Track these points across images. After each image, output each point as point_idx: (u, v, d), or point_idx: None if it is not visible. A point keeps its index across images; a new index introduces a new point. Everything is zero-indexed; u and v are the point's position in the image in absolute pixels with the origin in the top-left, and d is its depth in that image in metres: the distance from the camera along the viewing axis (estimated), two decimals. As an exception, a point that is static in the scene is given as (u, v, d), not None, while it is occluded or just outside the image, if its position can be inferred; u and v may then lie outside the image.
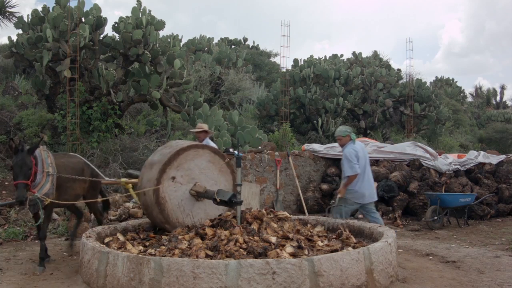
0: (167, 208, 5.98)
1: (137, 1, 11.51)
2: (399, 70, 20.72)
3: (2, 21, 13.25)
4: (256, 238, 5.25)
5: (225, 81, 17.29)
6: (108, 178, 7.34)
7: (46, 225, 5.97)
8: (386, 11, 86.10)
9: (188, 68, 15.46)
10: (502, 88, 29.80)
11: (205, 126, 8.33)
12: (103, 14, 11.81)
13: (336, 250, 5.08)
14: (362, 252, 4.71)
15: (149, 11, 11.67)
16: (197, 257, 4.77)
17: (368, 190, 6.73)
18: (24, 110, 11.98)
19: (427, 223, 8.85)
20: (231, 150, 10.06)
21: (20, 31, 11.58)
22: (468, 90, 38.74)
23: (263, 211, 5.94)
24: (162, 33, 12.88)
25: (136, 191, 6.36)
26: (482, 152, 11.37)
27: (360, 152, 6.69)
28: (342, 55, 21.17)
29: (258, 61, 24.11)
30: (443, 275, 5.40)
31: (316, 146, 11.61)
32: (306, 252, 4.91)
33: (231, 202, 5.61)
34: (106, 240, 5.76)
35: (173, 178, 6.05)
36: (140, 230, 6.33)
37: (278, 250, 4.85)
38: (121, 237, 5.87)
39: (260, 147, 11.10)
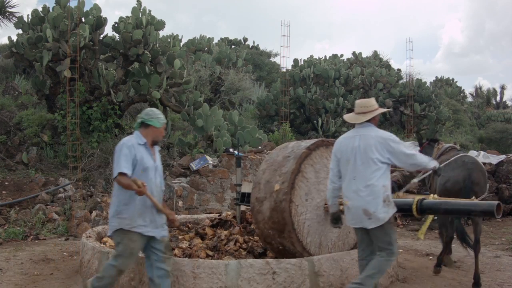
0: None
1: (137, 1, 11.51)
2: (399, 70, 20.71)
3: (2, 21, 13.24)
4: (256, 238, 5.25)
5: (225, 81, 17.27)
6: None
7: None
8: (386, 11, 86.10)
9: (188, 68, 15.44)
10: (502, 88, 29.71)
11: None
12: (103, 14, 11.82)
13: (336, 250, 5.08)
14: (362, 252, 4.70)
15: (149, 11, 11.67)
16: (197, 257, 4.77)
17: None
18: (24, 110, 11.97)
19: (427, 223, 8.83)
20: (231, 150, 10.06)
21: (20, 31, 11.56)
22: (468, 90, 38.68)
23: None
24: (162, 33, 12.88)
25: None
26: (482, 152, 11.35)
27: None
28: (342, 55, 21.16)
29: (258, 61, 24.07)
30: (443, 275, 5.40)
31: (316, 146, 11.59)
32: (306, 252, 4.90)
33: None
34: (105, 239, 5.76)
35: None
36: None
37: (278, 250, 4.84)
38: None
39: (260, 147, 11.10)
